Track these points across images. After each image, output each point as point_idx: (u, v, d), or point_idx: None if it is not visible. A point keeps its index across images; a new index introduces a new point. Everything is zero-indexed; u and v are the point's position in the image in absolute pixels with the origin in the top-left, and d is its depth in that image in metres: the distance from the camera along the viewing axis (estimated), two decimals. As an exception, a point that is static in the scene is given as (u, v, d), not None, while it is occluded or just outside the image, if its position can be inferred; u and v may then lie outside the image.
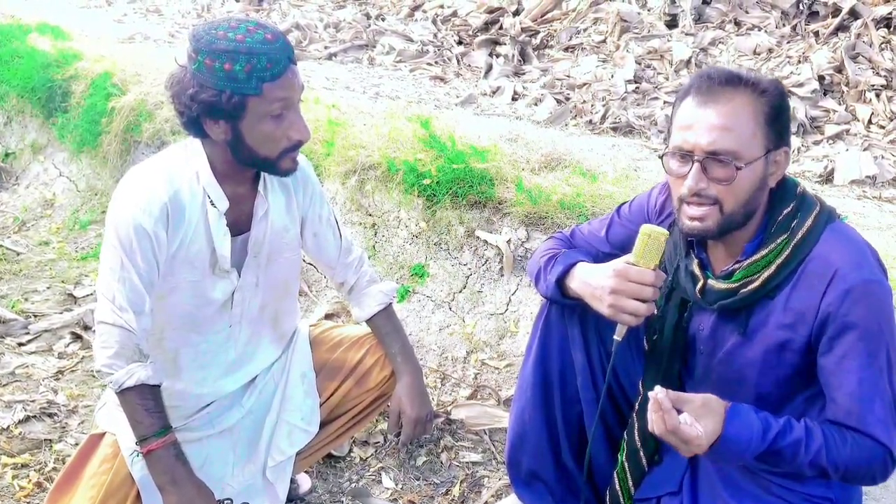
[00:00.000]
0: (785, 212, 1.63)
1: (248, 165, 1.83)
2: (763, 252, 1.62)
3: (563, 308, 1.93)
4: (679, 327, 1.78)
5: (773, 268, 1.61)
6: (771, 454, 1.55)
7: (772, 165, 1.60)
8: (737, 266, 1.66)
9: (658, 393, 1.51)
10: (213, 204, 1.83)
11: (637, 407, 1.89)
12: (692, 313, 1.77)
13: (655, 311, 1.72)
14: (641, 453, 1.88)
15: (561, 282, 1.85)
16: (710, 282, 1.69)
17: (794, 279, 1.60)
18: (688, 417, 1.51)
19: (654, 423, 1.52)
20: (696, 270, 1.72)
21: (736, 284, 1.65)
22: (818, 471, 1.56)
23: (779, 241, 1.61)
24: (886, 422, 1.54)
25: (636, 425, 1.88)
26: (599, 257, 1.92)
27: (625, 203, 1.98)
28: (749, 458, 1.55)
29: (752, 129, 1.56)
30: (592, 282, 1.75)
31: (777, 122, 1.59)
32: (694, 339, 1.78)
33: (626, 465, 1.90)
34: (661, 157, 1.65)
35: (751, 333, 1.66)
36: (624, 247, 1.65)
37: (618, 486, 1.92)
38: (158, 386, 1.82)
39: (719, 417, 1.52)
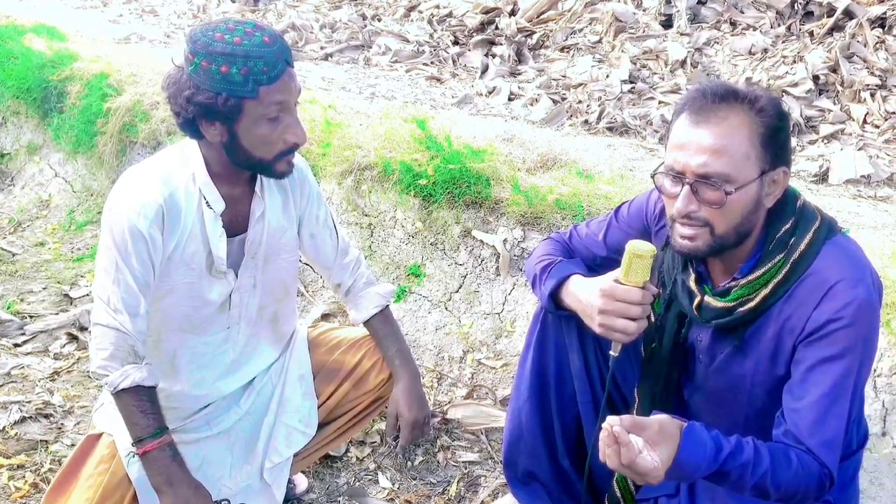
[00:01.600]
0: (783, 228, 1.59)
1: (243, 167, 1.82)
2: (759, 272, 1.59)
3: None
4: (678, 338, 1.76)
5: (770, 287, 1.58)
6: (720, 475, 1.49)
7: (768, 186, 1.56)
8: (733, 284, 1.63)
9: (614, 425, 1.40)
10: (209, 205, 1.83)
11: (634, 413, 1.86)
12: (691, 324, 1.75)
13: (653, 320, 1.70)
14: None
15: (555, 295, 1.84)
16: (707, 299, 1.66)
17: (789, 293, 1.57)
18: (640, 442, 1.40)
19: (608, 457, 1.41)
20: (693, 286, 1.70)
21: (732, 304, 1.62)
22: (759, 492, 1.50)
23: (776, 260, 1.58)
24: (834, 444, 1.52)
25: None
26: (597, 262, 1.92)
27: (623, 203, 1.96)
28: (699, 477, 1.50)
29: (745, 151, 1.51)
30: (583, 299, 1.73)
31: (774, 142, 1.53)
32: (693, 348, 1.76)
33: None
34: (652, 177, 1.61)
35: (745, 345, 1.65)
36: (621, 251, 1.64)
37: (619, 493, 1.91)
38: (154, 387, 1.82)
39: (674, 441, 1.44)
